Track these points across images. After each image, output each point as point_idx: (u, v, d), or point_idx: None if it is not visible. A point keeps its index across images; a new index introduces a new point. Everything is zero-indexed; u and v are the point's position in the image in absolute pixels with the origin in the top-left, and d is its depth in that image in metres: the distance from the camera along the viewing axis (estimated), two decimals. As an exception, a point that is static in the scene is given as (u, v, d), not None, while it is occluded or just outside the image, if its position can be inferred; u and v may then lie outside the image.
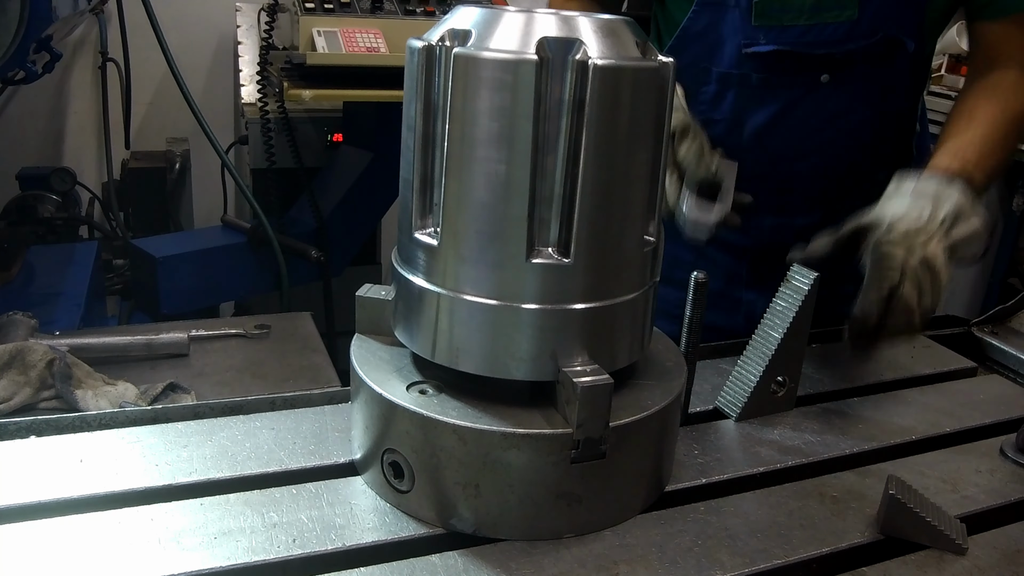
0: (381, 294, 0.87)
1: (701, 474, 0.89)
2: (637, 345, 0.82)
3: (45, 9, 1.50)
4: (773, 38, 1.30)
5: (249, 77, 2.79)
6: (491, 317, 0.74)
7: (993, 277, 4.37)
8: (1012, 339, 1.29)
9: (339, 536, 0.75)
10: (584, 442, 0.74)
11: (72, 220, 2.67)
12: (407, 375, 0.82)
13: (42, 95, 3.14)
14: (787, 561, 0.77)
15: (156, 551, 0.72)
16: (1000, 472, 0.94)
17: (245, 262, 2.55)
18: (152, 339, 1.46)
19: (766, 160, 1.38)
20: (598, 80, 0.69)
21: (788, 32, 1.30)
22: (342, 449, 0.88)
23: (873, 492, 0.87)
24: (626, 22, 0.75)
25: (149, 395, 1.28)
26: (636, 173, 0.75)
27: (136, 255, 2.42)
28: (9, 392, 1.23)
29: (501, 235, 0.72)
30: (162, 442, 0.88)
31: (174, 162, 2.89)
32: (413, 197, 0.77)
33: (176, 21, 2.99)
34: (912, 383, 1.14)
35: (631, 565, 0.75)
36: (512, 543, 0.76)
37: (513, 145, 0.70)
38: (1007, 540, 0.83)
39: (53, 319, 1.71)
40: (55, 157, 3.22)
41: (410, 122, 0.76)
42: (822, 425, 1.00)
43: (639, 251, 0.78)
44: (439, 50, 0.72)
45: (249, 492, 0.80)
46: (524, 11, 0.72)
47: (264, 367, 1.48)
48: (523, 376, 0.76)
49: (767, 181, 1.37)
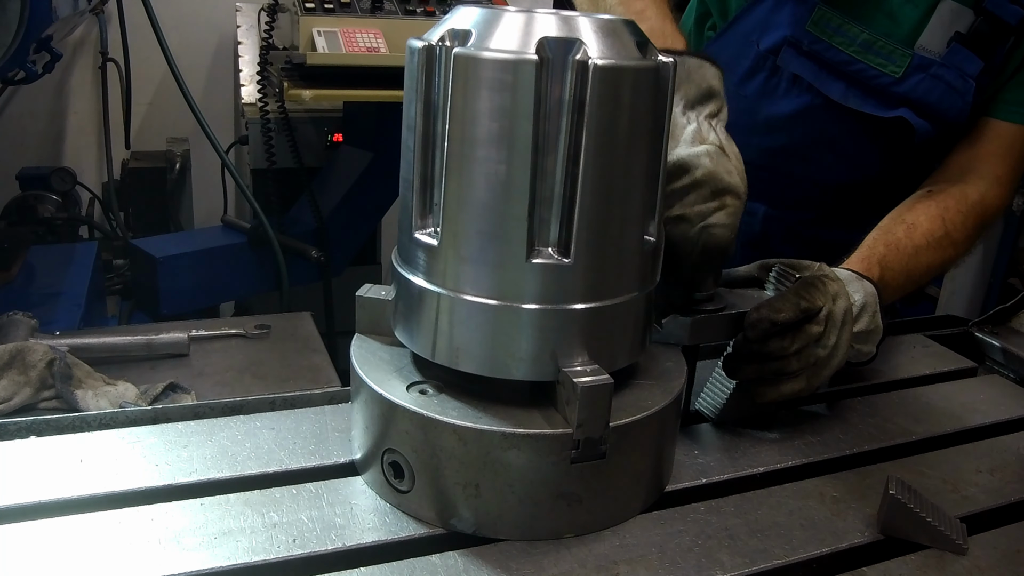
0: (381, 294, 0.87)
1: (701, 474, 0.89)
2: (637, 345, 0.82)
3: (45, 9, 1.50)
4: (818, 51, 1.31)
5: (249, 77, 2.79)
6: (491, 317, 0.74)
7: (993, 277, 4.37)
8: (1012, 339, 1.29)
9: (339, 536, 0.75)
10: (584, 442, 0.74)
11: (72, 220, 2.67)
12: (407, 375, 0.82)
13: (42, 95, 3.14)
14: (787, 561, 0.77)
15: (156, 551, 0.72)
16: (1000, 472, 0.94)
17: (245, 262, 2.55)
18: (152, 339, 1.46)
19: (770, 151, 1.39)
20: (598, 80, 0.69)
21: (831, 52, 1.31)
22: (342, 449, 0.88)
23: (873, 492, 0.87)
24: (626, 22, 0.75)
25: (149, 395, 1.28)
26: (636, 173, 0.75)
27: (136, 255, 2.42)
28: (9, 392, 1.23)
29: (501, 235, 0.72)
30: (162, 442, 0.88)
31: (174, 162, 2.89)
32: (413, 197, 0.77)
33: (176, 21, 2.99)
34: (912, 383, 1.14)
35: (631, 565, 0.75)
36: (512, 543, 0.76)
37: (513, 145, 0.70)
38: (1007, 540, 0.83)
39: (53, 319, 1.71)
40: (55, 157, 3.22)
41: (410, 122, 0.76)
42: (822, 425, 1.00)
43: (639, 251, 0.78)
44: (439, 50, 0.72)
45: (249, 492, 0.80)
46: (524, 11, 0.72)
47: (264, 367, 1.48)
48: (523, 376, 0.76)
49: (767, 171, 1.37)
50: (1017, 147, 1.31)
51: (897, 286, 1.14)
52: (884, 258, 1.14)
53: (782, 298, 0.91)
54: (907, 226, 1.21)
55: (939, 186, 1.29)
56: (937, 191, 1.28)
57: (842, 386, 1.11)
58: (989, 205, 1.29)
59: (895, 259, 1.15)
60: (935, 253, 1.20)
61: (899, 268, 1.15)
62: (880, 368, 1.16)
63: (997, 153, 1.31)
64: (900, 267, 1.15)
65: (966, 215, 1.25)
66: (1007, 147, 1.31)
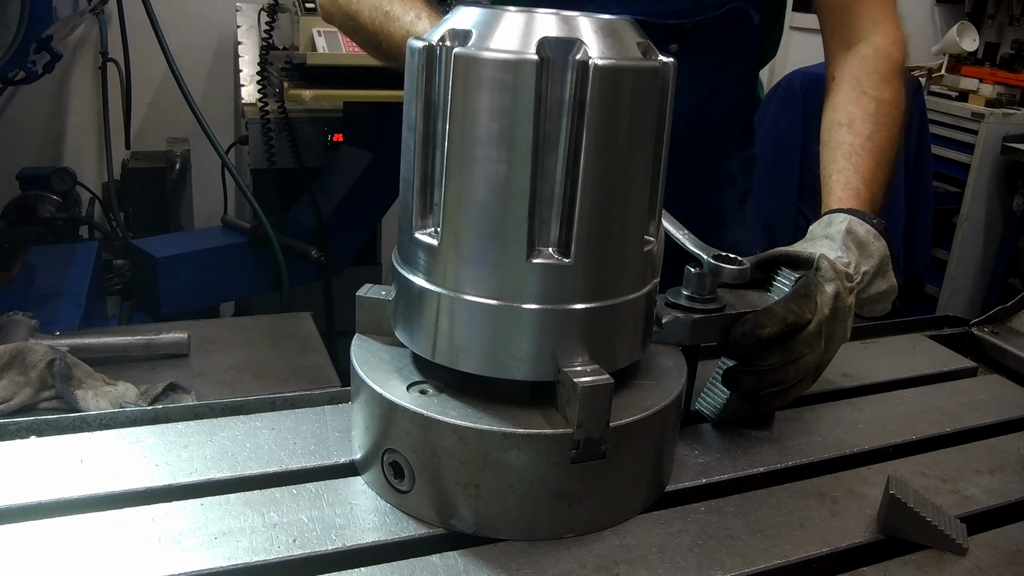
0: (381, 294, 0.87)
1: (701, 474, 0.89)
2: (637, 345, 0.82)
3: (45, 9, 1.50)
4: (625, 7, 1.27)
5: (249, 77, 2.79)
6: (491, 317, 0.74)
7: (993, 277, 4.38)
8: (1012, 339, 1.29)
9: (339, 536, 0.75)
10: (584, 442, 0.74)
11: (72, 220, 2.67)
12: (407, 375, 0.82)
13: (42, 95, 3.14)
14: (787, 561, 0.77)
15: (156, 551, 0.72)
16: (1000, 472, 0.94)
17: (245, 262, 2.55)
18: (152, 339, 1.46)
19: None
20: (598, 80, 0.69)
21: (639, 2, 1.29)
22: (342, 449, 0.88)
23: (873, 492, 0.87)
24: (627, 22, 0.75)
25: (149, 395, 1.28)
26: (636, 173, 0.75)
27: (136, 255, 2.42)
28: (9, 392, 1.23)
29: (501, 235, 0.72)
30: (162, 442, 0.88)
31: (174, 162, 2.88)
32: (413, 197, 0.77)
33: (176, 21, 2.99)
34: (912, 383, 1.14)
35: (631, 565, 0.75)
36: (512, 543, 0.76)
37: (513, 145, 0.70)
38: (1007, 540, 0.83)
39: (53, 319, 1.71)
40: (55, 157, 3.23)
41: (410, 122, 0.76)
42: (822, 425, 1.00)
43: (639, 251, 0.78)
44: (439, 50, 0.72)
45: (249, 492, 0.80)
46: (524, 11, 0.72)
47: (264, 367, 1.48)
48: (523, 376, 0.76)
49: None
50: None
51: (880, 185, 1.14)
52: (858, 171, 1.12)
53: (768, 312, 0.89)
54: (846, 127, 1.19)
55: (835, 71, 1.27)
56: (838, 78, 1.26)
57: (842, 386, 1.11)
58: (888, 47, 1.27)
59: (863, 164, 1.14)
60: (886, 129, 1.19)
61: (871, 171, 1.14)
62: (880, 368, 1.16)
63: (854, 8, 1.29)
64: (871, 168, 1.14)
65: (880, 73, 1.23)
66: (853, 4, 1.28)
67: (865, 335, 1.26)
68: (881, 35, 1.29)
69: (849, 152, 1.17)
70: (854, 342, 1.20)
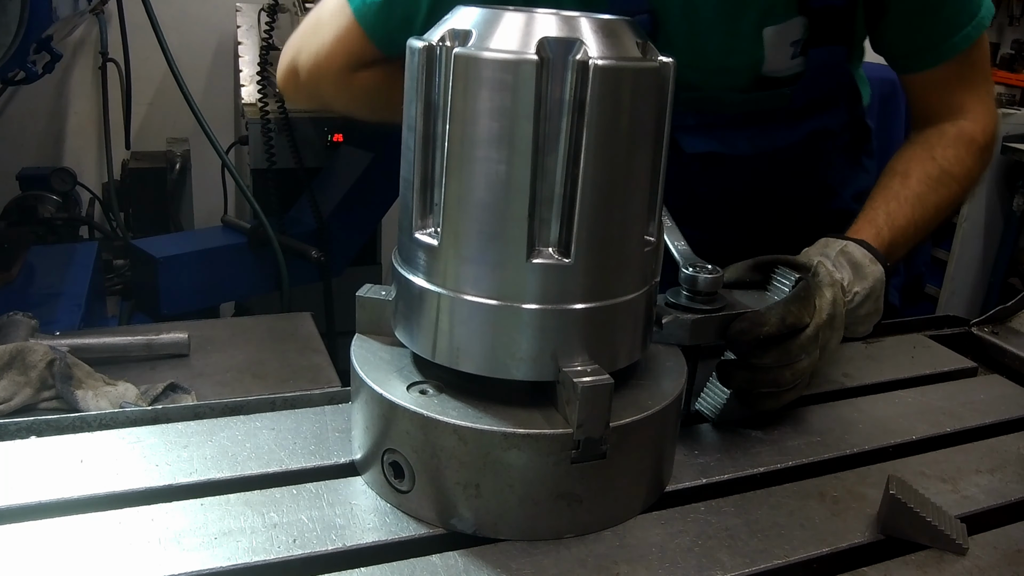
0: (381, 294, 0.87)
1: (701, 474, 0.89)
2: (637, 345, 0.82)
3: (45, 9, 1.50)
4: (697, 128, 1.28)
5: (249, 77, 2.79)
6: (491, 317, 0.74)
7: (993, 277, 4.37)
8: (1012, 339, 1.29)
9: (339, 536, 0.75)
10: (584, 442, 0.74)
11: (72, 220, 2.67)
12: (407, 375, 0.82)
13: (42, 95, 3.13)
14: (787, 561, 0.77)
15: (156, 551, 0.72)
16: (1000, 472, 0.94)
17: (245, 262, 2.54)
18: (152, 339, 1.46)
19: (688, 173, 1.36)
20: (598, 80, 0.69)
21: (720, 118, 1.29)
22: (342, 449, 0.88)
23: (873, 492, 0.87)
24: (627, 22, 0.75)
25: (149, 395, 1.28)
26: (636, 173, 0.75)
27: (136, 255, 2.41)
28: (9, 392, 1.23)
29: (501, 235, 0.72)
30: (162, 442, 0.88)
31: (174, 162, 2.88)
32: (413, 197, 0.77)
33: (176, 21, 2.99)
34: (912, 383, 1.14)
35: (631, 565, 0.75)
36: (512, 543, 0.76)
37: (513, 145, 0.70)
38: (1007, 540, 0.83)
39: (53, 319, 1.71)
40: (55, 157, 3.22)
41: (410, 122, 0.76)
42: (822, 425, 1.00)
43: (639, 251, 0.78)
44: (439, 50, 0.72)
45: (249, 492, 0.80)
46: (524, 11, 0.72)
47: (264, 367, 1.48)
48: (523, 376, 0.76)
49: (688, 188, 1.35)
50: (952, 80, 1.28)
51: (907, 238, 1.14)
52: (889, 215, 1.13)
53: (768, 311, 0.89)
54: (901, 176, 1.19)
55: (913, 134, 1.27)
56: (913, 139, 1.27)
57: (842, 386, 1.11)
58: (974, 130, 1.27)
59: (899, 212, 1.14)
60: (937, 193, 1.19)
61: (904, 221, 1.14)
62: (880, 368, 1.16)
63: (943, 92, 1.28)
64: (905, 219, 1.14)
65: (956, 148, 1.23)
66: (943, 87, 1.28)
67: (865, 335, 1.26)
68: (971, 121, 1.28)
69: (891, 197, 1.17)
70: (854, 342, 1.20)
